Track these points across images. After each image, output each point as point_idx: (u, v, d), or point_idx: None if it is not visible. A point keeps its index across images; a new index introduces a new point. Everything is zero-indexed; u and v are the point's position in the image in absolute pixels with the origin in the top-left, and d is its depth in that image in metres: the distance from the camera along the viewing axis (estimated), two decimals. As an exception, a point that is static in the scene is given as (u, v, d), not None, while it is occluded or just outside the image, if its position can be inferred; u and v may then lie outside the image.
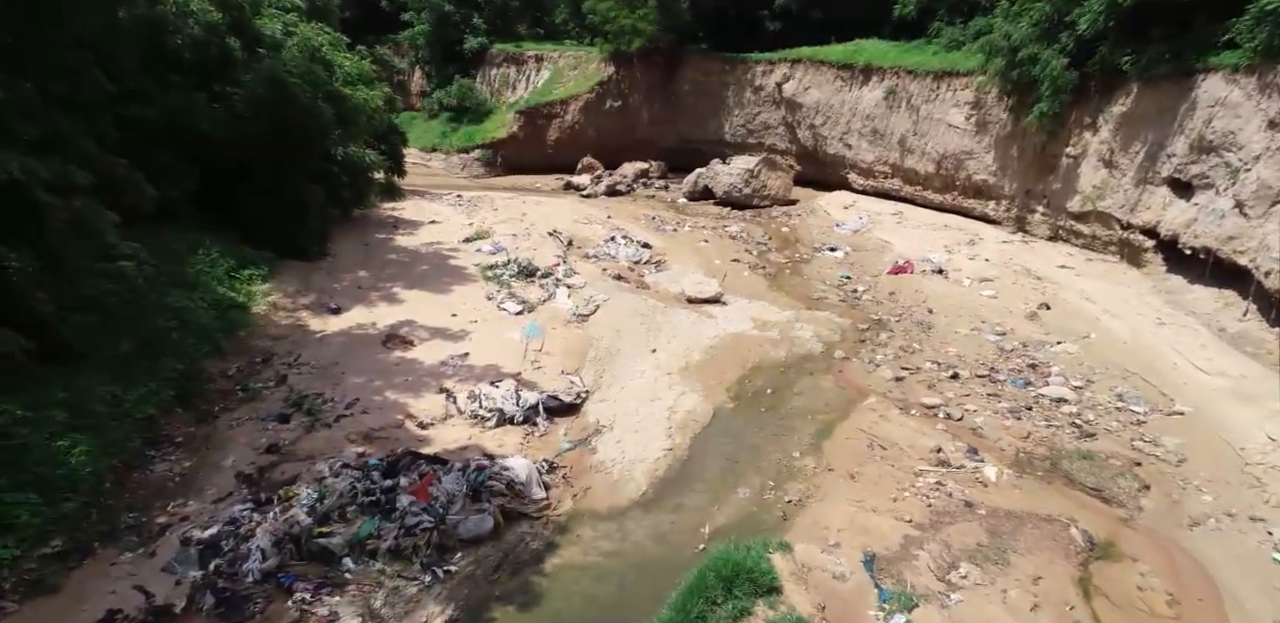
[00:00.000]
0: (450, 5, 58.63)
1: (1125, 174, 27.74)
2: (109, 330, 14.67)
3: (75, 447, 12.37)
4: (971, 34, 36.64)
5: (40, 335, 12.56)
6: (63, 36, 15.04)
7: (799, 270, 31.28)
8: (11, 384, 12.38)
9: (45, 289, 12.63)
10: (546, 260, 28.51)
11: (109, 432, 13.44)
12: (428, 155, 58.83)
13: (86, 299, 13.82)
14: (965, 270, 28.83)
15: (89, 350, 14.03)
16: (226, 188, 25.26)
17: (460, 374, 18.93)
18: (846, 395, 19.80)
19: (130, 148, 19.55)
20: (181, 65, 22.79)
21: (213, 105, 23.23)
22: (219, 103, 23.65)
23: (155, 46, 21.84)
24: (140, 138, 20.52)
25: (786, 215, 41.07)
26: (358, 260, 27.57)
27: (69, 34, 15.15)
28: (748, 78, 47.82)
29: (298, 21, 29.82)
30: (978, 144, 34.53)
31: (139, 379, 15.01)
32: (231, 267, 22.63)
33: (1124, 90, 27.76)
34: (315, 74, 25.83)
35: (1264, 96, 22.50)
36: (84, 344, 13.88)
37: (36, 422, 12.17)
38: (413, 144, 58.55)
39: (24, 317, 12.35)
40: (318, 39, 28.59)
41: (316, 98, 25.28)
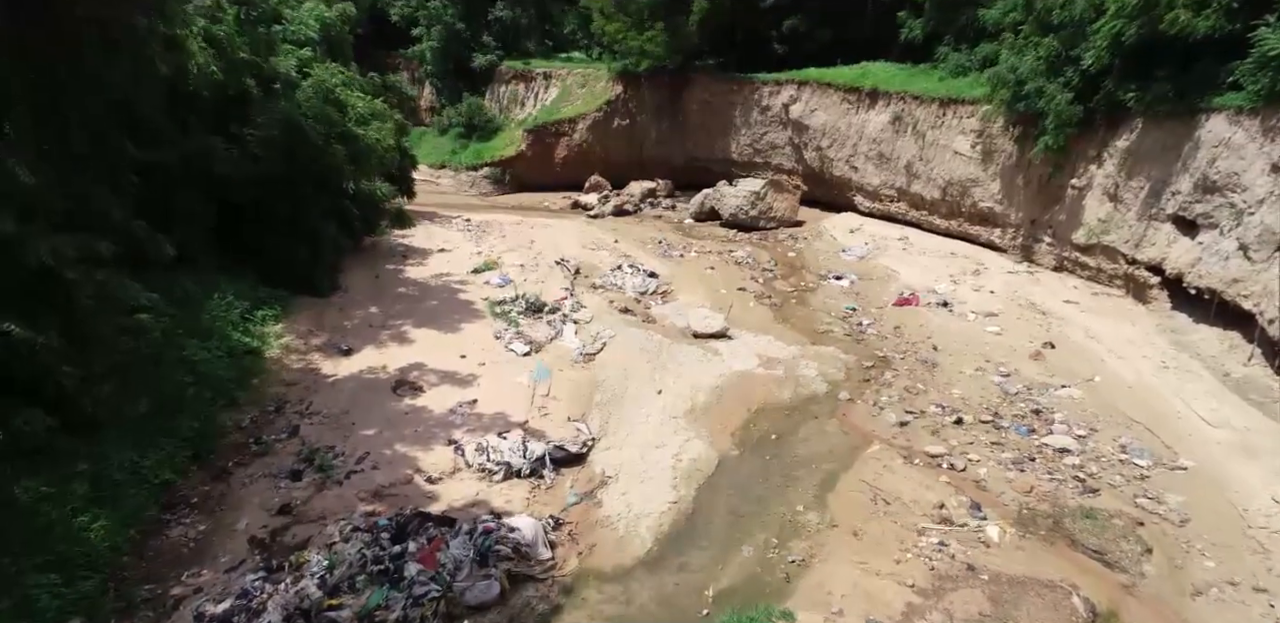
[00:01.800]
0: (460, 23, 59.00)
1: (1130, 209, 27.84)
2: (129, 394, 14.96)
3: (95, 522, 12.67)
4: (978, 60, 36.82)
5: (63, 407, 12.84)
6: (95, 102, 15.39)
7: (804, 300, 31.44)
8: (36, 459, 12.68)
9: (70, 362, 12.90)
10: (554, 294, 28.76)
11: (128, 501, 13.75)
12: (437, 172, 59.26)
13: (109, 366, 14.11)
14: (970, 303, 28.95)
15: (109, 418, 14.32)
16: (241, 225, 25.58)
17: (469, 423, 19.18)
18: (850, 441, 19.97)
19: (149, 192, 19.97)
20: (199, 105, 23.10)
21: (229, 147, 23.53)
22: (235, 144, 23.96)
23: (175, 89, 22.19)
24: (158, 181, 20.89)
25: (792, 238, 41.23)
26: (368, 295, 27.86)
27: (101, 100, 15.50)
28: (755, 98, 47.96)
29: (312, 59, 30.15)
30: (983, 172, 34.64)
31: (157, 441, 15.33)
32: (246, 309, 22.98)
33: (1128, 126, 27.86)
34: (329, 115, 26.22)
35: (1267, 140, 22.59)
36: (105, 412, 14.18)
37: (59, 497, 12.46)
38: (422, 160, 58.90)
39: (50, 391, 12.63)
40: (332, 79, 28.93)
41: (330, 139, 25.64)
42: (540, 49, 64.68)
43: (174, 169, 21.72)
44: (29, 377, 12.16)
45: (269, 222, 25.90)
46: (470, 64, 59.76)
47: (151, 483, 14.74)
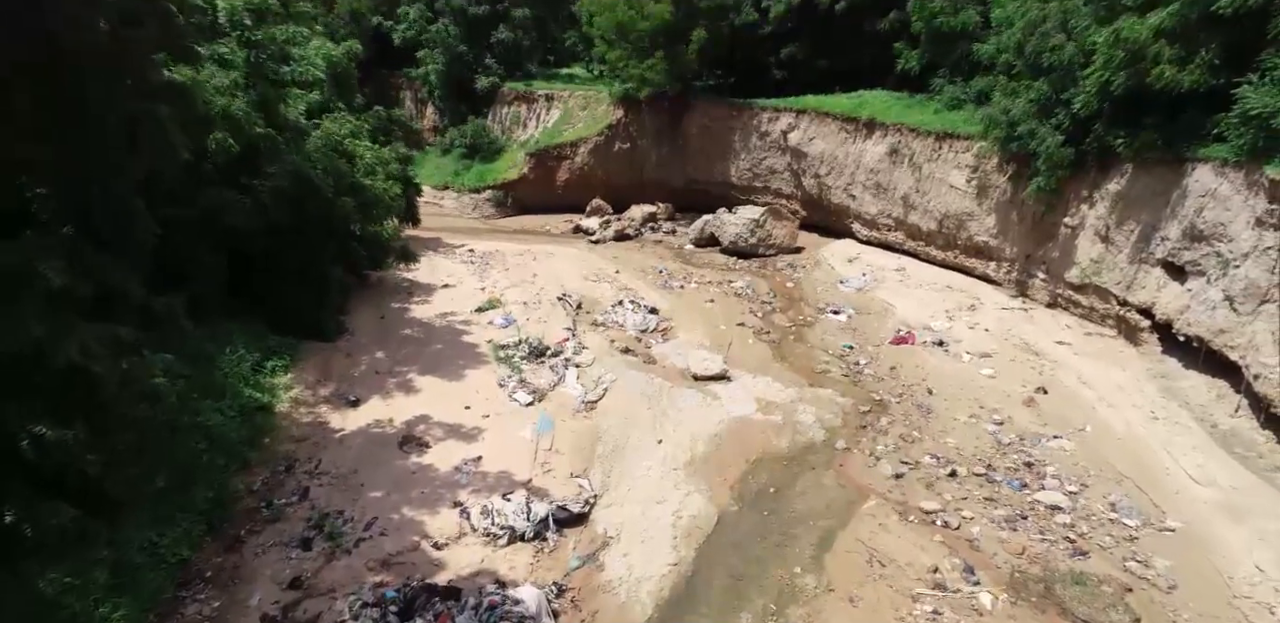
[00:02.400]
0: (462, 45, 59.51)
1: (1121, 251, 28.32)
2: (148, 471, 15.43)
3: (115, 612, 13.16)
4: (973, 93, 37.34)
5: (86, 494, 13.30)
6: (122, 186, 15.96)
7: (802, 336, 31.93)
8: (59, 549, 13.14)
9: (94, 449, 13.36)
10: (556, 335, 29.25)
11: (146, 584, 14.24)
12: (440, 193, 59.79)
13: (130, 446, 14.57)
14: (965, 341, 29.43)
15: (130, 499, 14.79)
16: (249, 271, 26.08)
17: (474, 483, 19.68)
18: (847, 495, 20.48)
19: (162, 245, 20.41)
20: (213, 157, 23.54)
21: (242, 198, 23.99)
22: (245, 193, 24.43)
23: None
24: (172, 235, 21.34)
25: (791, 267, 41.74)
26: (375, 338, 28.39)
27: (128, 186, 16.07)
28: (754, 124, 48.48)
29: (321, 103, 30.57)
30: (978, 206, 35.12)
31: (173, 516, 15.84)
32: (256, 361, 23.54)
33: (1119, 170, 28.36)
34: (338, 167, 26.79)
35: (1251, 193, 23.08)
36: (127, 494, 14.63)
37: (81, 588, 12.95)
38: (425, 181, 59.28)
39: (73, 480, 13.09)
40: (341, 130, 29.49)
41: (339, 190, 26.20)
42: (541, 71, 65.26)
43: (189, 223, 22.21)
44: (54, 470, 12.64)
45: (277, 268, 26.41)
46: (473, 86, 60.24)
47: (169, 562, 15.24)
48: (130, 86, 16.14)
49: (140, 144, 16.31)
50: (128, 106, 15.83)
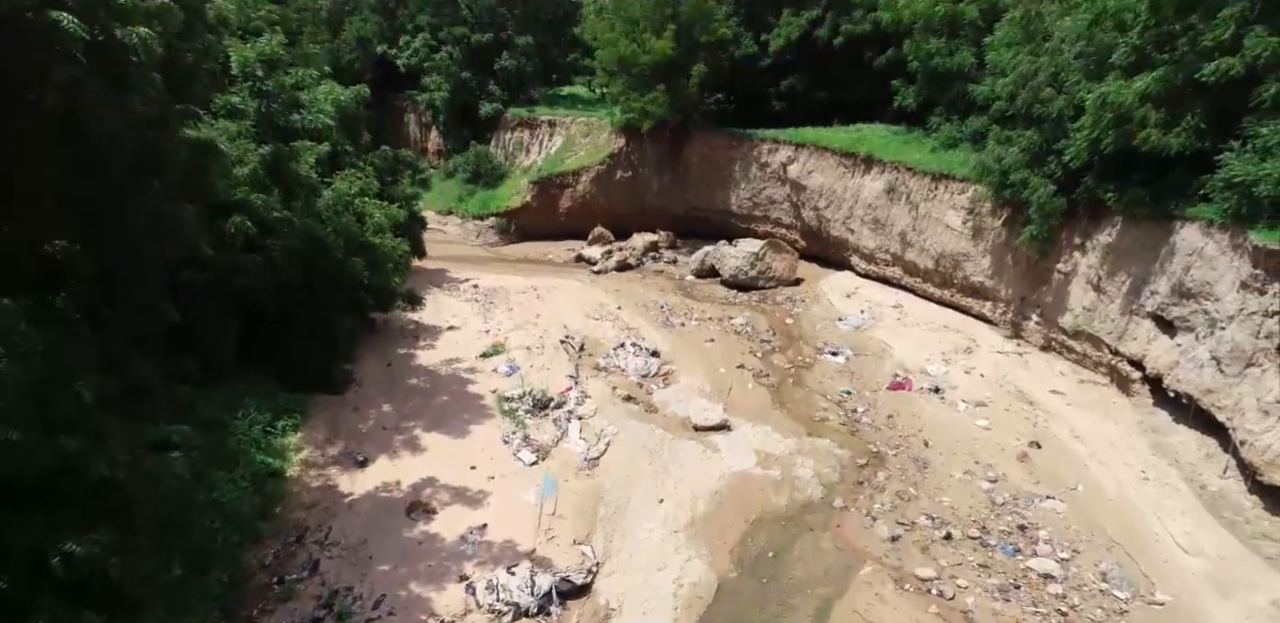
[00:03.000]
0: (466, 72, 60.19)
1: (1112, 301, 28.85)
2: (166, 564, 15.98)
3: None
4: (968, 133, 37.88)
5: (108, 597, 13.89)
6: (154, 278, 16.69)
7: (801, 379, 32.48)
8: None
9: (116, 551, 13.93)
10: (559, 383, 29.83)
11: (167, 690, 14.82)
12: (444, 218, 60.56)
13: (150, 539, 15.14)
14: (961, 388, 29.98)
15: (150, 596, 15.35)
16: (259, 326, 26.67)
17: (479, 554, 20.24)
18: (844, 560, 21.06)
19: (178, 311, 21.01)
20: (232, 239, 24.05)
21: (254, 258, 24.55)
22: (258, 253, 24.99)
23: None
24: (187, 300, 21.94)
25: (790, 301, 42.32)
26: (382, 389, 28.99)
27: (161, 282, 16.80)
28: (754, 155, 49.08)
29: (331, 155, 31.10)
30: (974, 247, 35.66)
31: (189, 605, 16.40)
32: (268, 422, 24.16)
33: (1109, 221, 28.89)
34: (348, 227, 27.43)
35: (1237, 256, 23.59)
36: (147, 591, 15.18)
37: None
38: (429, 206, 60.48)
39: (96, 583, 13.68)
40: (351, 190, 30.12)
41: (349, 250, 26.89)
42: (543, 91, 65.84)
43: (202, 285, 22.83)
44: (81, 577, 13.22)
45: (287, 324, 26.99)
46: (476, 112, 60.92)
47: (187, 660, 15.83)
48: (157, 187, 16.86)
49: (165, 239, 17.02)
50: (155, 206, 16.52)
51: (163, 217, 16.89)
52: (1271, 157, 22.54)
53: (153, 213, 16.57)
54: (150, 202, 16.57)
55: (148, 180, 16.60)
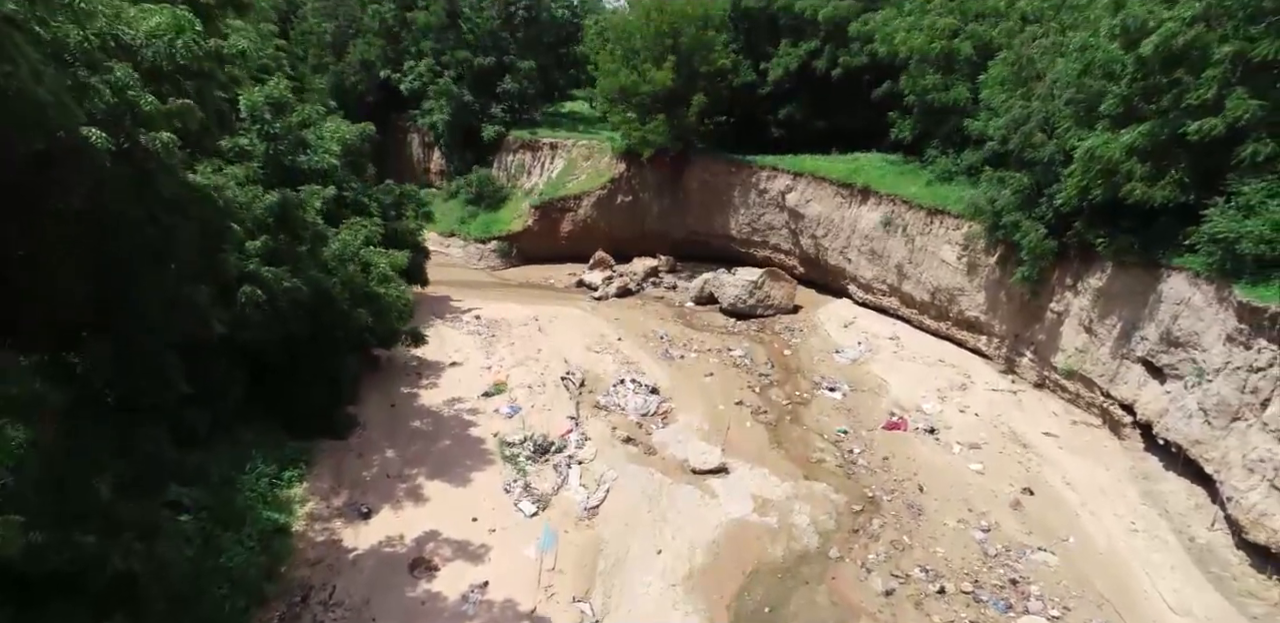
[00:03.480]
0: (468, 95, 60.77)
1: (1104, 344, 29.26)
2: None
3: None
4: (963, 166, 38.37)
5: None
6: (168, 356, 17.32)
7: (798, 416, 32.98)
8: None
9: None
10: (560, 425, 30.35)
11: None
12: (447, 240, 61.23)
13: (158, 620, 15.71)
14: (955, 429, 30.46)
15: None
16: (264, 374, 27.20)
17: (480, 614, 20.65)
18: (839, 615, 21.56)
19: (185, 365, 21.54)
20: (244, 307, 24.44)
21: (261, 311, 24.97)
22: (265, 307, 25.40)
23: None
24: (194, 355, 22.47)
25: (789, 330, 42.81)
26: (385, 432, 29.51)
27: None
28: (753, 181, 49.66)
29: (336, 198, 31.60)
30: (969, 282, 36.12)
31: (200, 678, 16.99)
32: (274, 473, 24.72)
33: (1100, 265, 29.29)
34: (354, 279, 27.98)
35: (1222, 308, 24.00)
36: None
37: None
38: (432, 227, 61.11)
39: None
40: (356, 240, 30.67)
41: (354, 302, 27.47)
42: (545, 107, 66.46)
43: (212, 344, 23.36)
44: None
45: (292, 372, 27.52)
46: (479, 134, 61.51)
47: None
48: (173, 270, 17.45)
49: (180, 322, 17.61)
50: (170, 289, 17.11)
51: (178, 300, 17.45)
52: (1254, 214, 23.05)
53: (168, 297, 17.12)
54: (166, 285, 17.13)
55: (164, 264, 17.17)
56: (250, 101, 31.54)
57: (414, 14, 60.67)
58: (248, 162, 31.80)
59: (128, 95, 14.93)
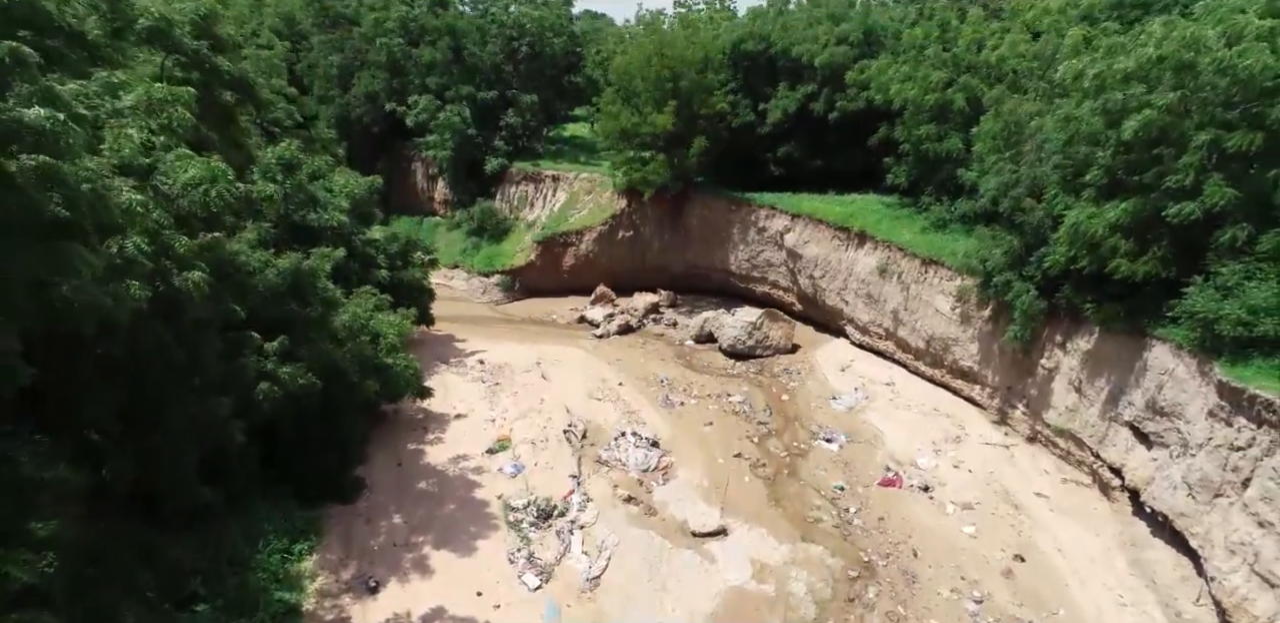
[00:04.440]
0: (472, 129, 61.58)
1: (1093, 405, 29.92)
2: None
3: None
4: (957, 216, 39.06)
5: None
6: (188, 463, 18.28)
7: (796, 470, 33.70)
8: None
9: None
10: (561, 485, 31.11)
11: None
12: (450, 272, 62.05)
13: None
14: (949, 486, 31.16)
15: None
16: (274, 446, 28.00)
17: (486, 704, 21.58)
18: (833, 693, 22.29)
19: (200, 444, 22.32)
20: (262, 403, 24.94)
21: (274, 390, 25.66)
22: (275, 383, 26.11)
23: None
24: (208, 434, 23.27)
25: (787, 373, 43.54)
26: (392, 495, 30.26)
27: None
28: (752, 219, 50.48)
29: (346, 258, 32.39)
30: (962, 333, 36.81)
31: None
32: (285, 547, 25.53)
33: (1088, 328, 29.93)
34: (363, 352, 28.80)
35: (1204, 383, 24.65)
36: None
37: None
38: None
39: None
40: (364, 310, 31.47)
41: (364, 373, 28.32)
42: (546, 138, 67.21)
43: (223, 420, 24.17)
44: None
45: (302, 441, 28.35)
46: (483, 167, 62.32)
47: None
48: (197, 384, 18.33)
49: (202, 434, 18.50)
50: (195, 405, 17.99)
51: (200, 414, 18.32)
52: (1231, 295, 23.72)
53: (192, 412, 17.99)
54: (191, 401, 18.00)
55: (189, 379, 18.04)
56: (263, 164, 32.45)
57: (420, 50, 61.39)
58: (260, 221, 32.67)
59: (163, 239, 15.79)
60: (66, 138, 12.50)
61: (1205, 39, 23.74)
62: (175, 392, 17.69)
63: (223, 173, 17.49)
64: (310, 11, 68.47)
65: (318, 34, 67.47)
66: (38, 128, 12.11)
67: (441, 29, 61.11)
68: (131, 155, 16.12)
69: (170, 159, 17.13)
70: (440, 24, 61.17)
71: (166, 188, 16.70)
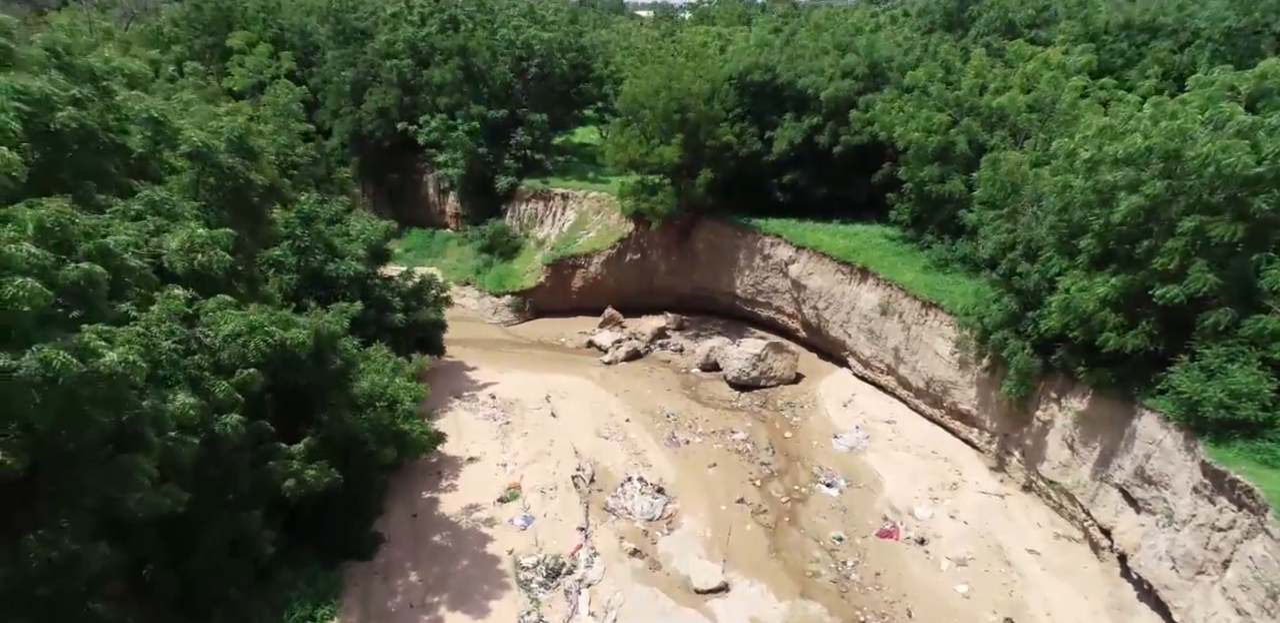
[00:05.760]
0: (483, 147, 62.24)
1: (1085, 464, 30.79)
2: None
3: None
4: (958, 256, 39.73)
5: None
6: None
7: (796, 517, 34.79)
8: None
9: None
10: (570, 539, 32.35)
11: None
12: (462, 289, 63.04)
13: None
14: (945, 539, 32.18)
15: None
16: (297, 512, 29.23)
17: None
18: None
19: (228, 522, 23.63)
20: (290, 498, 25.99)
21: (298, 471, 26.68)
22: (297, 460, 27.21)
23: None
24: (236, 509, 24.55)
25: (790, 406, 44.54)
26: (409, 550, 31.54)
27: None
28: (757, 246, 51.22)
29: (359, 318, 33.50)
30: (961, 378, 37.62)
31: None
32: (309, 613, 26.90)
33: (1081, 389, 30.67)
34: (381, 420, 29.96)
35: (1190, 458, 25.49)
36: None
37: None
38: (446, 274, 63.78)
39: None
40: (383, 376, 32.54)
41: (381, 442, 29.57)
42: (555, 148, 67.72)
43: (249, 497, 25.45)
44: None
45: (324, 506, 29.58)
46: (493, 185, 63.04)
47: None
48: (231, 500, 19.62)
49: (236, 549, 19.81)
50: (230, 525, 19.29)
51: (235, 529, 19.61)
52: (1215, 378, 24.51)
53: (229, 533, 19.30)
54: (224, 519, 19.30)
55: (224, 498, 19.31)
56: (284, 218, 33.48)
57: (430, 71, 61.88)
58: (281, 273, 33.81)
59: (203, 384, 17.01)
60: (137, 376, 13.96)
61: (1191, 131, 24.25)
62: (211, 509, 18.95)
63: (260, 324, 18.80)
64: (327, 24, 69.00)
65: (332, 48, 67.94)
66: (110, 373, 13.50)
67: (452, 49, 61.42)
68: (178, 310, 17.60)
69: (211, 307, 18.52)
70: (451, 44, 61.46)
71: (209, 340, 18.01)
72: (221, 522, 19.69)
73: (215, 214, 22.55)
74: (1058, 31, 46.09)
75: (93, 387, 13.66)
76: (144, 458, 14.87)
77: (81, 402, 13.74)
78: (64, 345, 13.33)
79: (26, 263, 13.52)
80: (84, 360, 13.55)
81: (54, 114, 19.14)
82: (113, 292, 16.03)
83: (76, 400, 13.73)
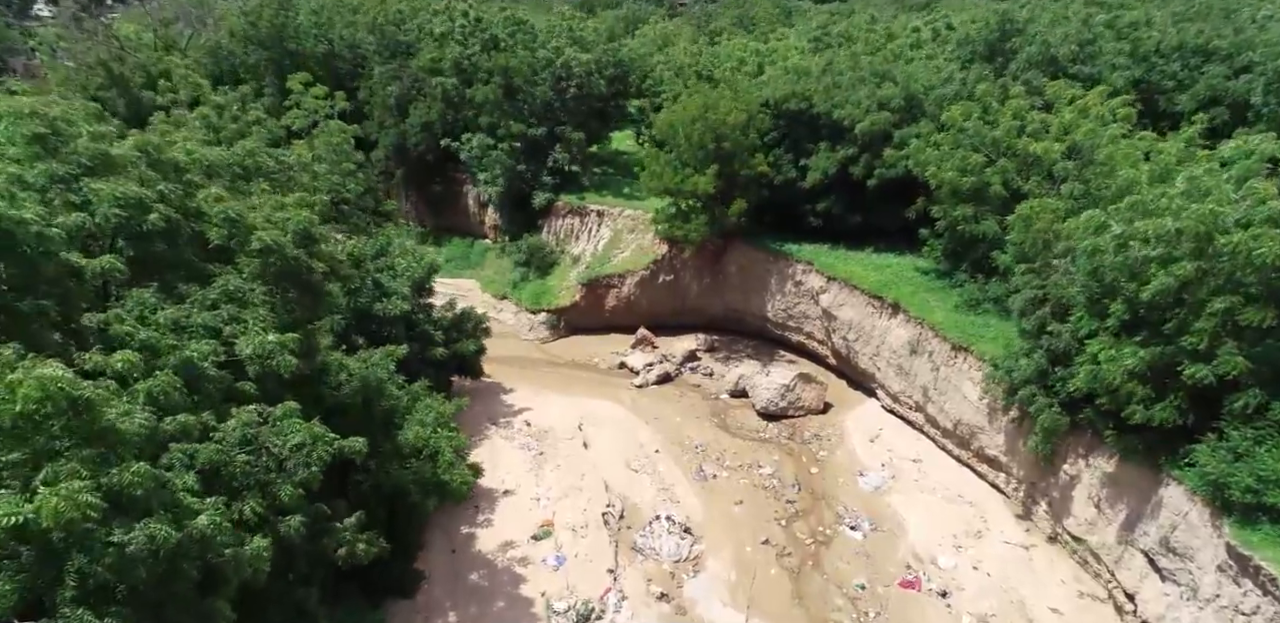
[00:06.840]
0: (521, 165, 63.21)
1: (1111, 524, 31.05)
2: None
3: None
4: (990, 297, 39.86)
5: None
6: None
7: (819, 561, 35.45)
8: None
9: None
10: (600, 581, 33.41)
11: None
12: (499, 303, 64.58)
13: None
14: (967, 592, 32.59)
15: None
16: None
17: None
18: None
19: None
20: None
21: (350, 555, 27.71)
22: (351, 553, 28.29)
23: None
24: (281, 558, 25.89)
25: (817, 438, 45.07)
26: (447, 588, 32.71)
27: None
28: (789, 272, 51.64)
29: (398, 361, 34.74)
30: (988, 423, 37.86)
31: None
32: (356, 656, 28.42)
33: (1109, 450, 30.81)
34: (423, 472, 31.25)
35: (1216, 535, 25.70)
36: None
37: None
38: (484, 286, 65.49)
39: None
40: (426, 427, 33.65)
41: (424, 493, 30.90)
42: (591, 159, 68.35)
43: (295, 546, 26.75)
44: None
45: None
46: (531, 201, 64.03)
47: None
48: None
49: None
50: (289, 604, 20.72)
51: (293, 608, 20.99)
52: (1242, 460, 24.69)
53: (284, 608, 20.67)
54: (283, 598, 20.72)
55: (285, 576, 20.80)
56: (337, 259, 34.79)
57: (473, 90, 62.78)
58: (333, 314, 34.99)
59: (270, 488, 18.55)
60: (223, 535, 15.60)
61: (1223, 215, 24.30)
62: (275, 587, 20.40)
63: (322, 435, 20.31)
64: (374, 34, 70.24)
65: (378, 62, 69.13)
66: (202, 536, 15.03)
67: (494, 69, 62.23)
68: (250, 421, 19.31)
69: (279, 416, 20.05)
70: (493, 65, 62.29)
71: (276, 449, 19.55)
72: (282, 602, 21.01)
73: (280, 297, 24.18)
74: (1104, 64, 45.55)
75: (187, 549, 15.15)
76: (224, 603, 16.46)
77: (177, 562, 15.32)
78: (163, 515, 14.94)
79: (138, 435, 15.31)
80: (178, 521, 15.10)
81: (146, 216, 21.60)
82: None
83: (174, 562, 15.37)
